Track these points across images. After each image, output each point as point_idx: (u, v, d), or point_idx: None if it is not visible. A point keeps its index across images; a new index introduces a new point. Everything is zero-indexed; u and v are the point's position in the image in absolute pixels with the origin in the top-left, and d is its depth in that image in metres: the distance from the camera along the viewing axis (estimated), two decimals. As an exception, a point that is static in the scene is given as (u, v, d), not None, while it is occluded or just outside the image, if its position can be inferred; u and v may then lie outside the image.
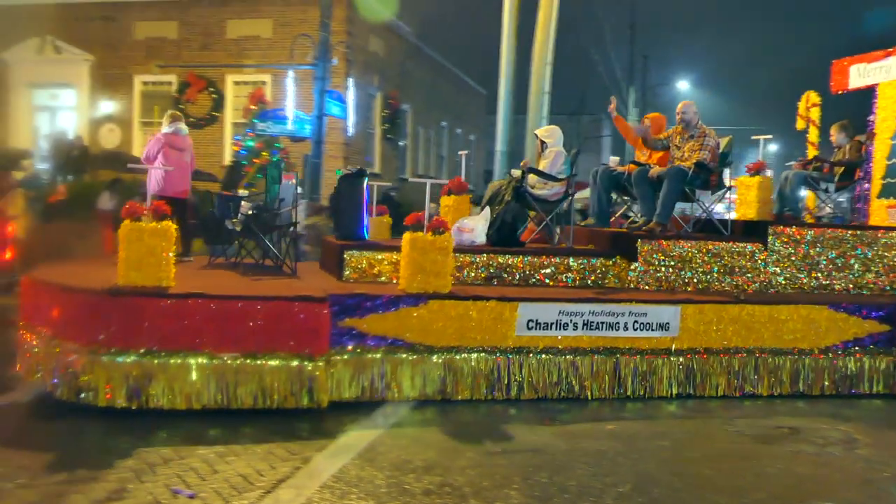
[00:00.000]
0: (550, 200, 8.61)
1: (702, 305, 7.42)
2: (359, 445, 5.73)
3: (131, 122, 24.83)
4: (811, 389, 7.54)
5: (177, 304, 6.46)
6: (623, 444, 6.04)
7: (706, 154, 8.55)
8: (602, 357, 7.16)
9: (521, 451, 5.80)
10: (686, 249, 8.20)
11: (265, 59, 23.93)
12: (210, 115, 24.49)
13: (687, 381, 7.31)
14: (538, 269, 8.05)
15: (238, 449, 5.59)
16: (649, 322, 7.24)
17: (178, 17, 24.51)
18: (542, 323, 7.06)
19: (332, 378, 6.68)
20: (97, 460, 5.28)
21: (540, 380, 7.05)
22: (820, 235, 8.49)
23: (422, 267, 7.04)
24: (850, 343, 7.63)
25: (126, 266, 6.70)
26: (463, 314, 6.94)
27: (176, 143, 9.35)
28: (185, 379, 6.35)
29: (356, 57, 23.59)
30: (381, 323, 6.84)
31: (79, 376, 6.38)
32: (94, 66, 24.89)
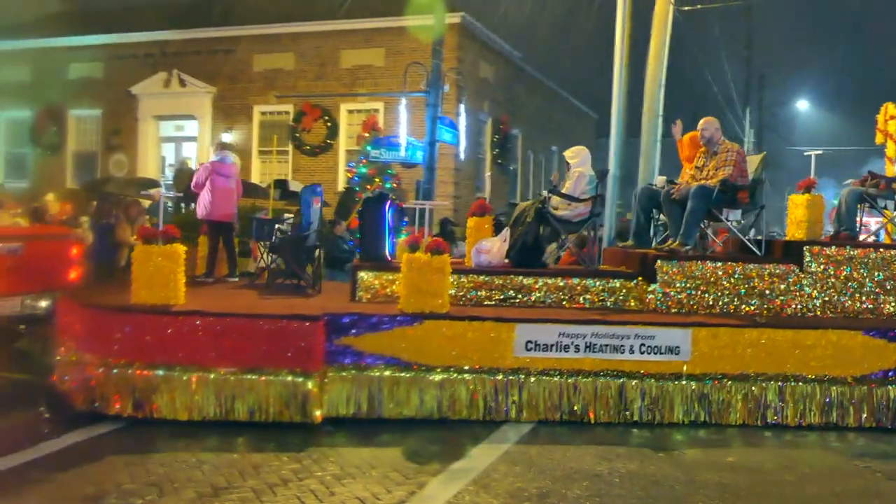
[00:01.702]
0: (573, 221, 8.62)
1: (716, 329, 7.19)
2: (474, 471, 5.81)
3: (251, 150, 26.27)
4: (844, 420, 7.17)
5: (178, 321, 6.92)
6: (745, 477, 5.91)
7: (729, 170, 8.36)
8: (606, 380, 7.07)
9: (639, 481, 5.72)
10: (710, 271, 8.04)
11: (378, 88, 24.81)
12: (325, 142, 25.60)
13: (701, 407, 7.11)
14: (555, 290, 8.14)
15: (354, 472, 5.75)
16: (657, 345, 7.10)
17: (295, 48, 25.80)
18: (542, 344, 7.04)
19: (327, 394, 6.95)
20: (217, 478, 5.53)
21: (540, 402, 7.03)
22: (865, 256, 8.07)
23: (418, 287, 7.20)
24: (890, 372, 7.21)
25: (138, 285, 7.36)
26: (459, 334, 7.03)
27: (222, 171, 10.05)
28: (186, 392, 6.80)
29: (467, 83, 24.10)
30: (378, 342, 7.02)
31: (93, 386, 6.99)
32: (216, 97, 26.59)
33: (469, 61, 25.32)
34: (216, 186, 9.86)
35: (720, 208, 8.56)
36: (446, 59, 20.67)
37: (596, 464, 6.08)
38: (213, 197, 9.82)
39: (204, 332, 6.93)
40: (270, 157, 25.78)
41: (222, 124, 26.41)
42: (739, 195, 8.53)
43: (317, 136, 25.61)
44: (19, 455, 5.95)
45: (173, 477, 5.53)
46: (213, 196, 9.82)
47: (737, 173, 8.41)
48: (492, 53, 27.45)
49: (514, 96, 29.21)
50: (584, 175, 8.67)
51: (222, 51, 26.38)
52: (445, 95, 21.37)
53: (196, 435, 6.56)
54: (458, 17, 24.11)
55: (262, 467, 5.78)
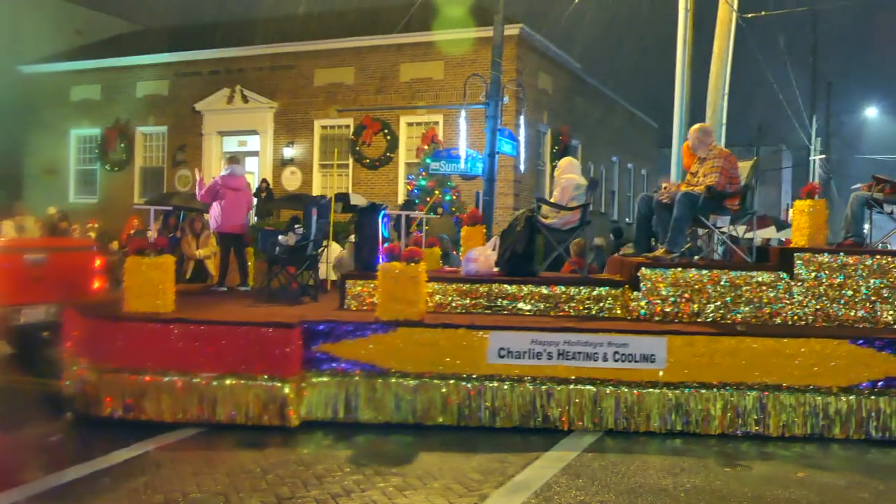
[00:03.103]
0: (562, 230, 8.77)
1: (691, 337, 7.21)
2: (535, 484, 5.85)
3: (311, 164, 27.04)
4: (830, 432, 7.10)
5: (162, 328, 7.37)
6: (816, 493, 5.83)
7: (716, 177, 8.35)
8: (580, 388, 7.17)
9: (705, 497, 5.70)
10: (695, 279, 8.04)
11: (437, 100, 25.23)
12: (384, 155, 26.12)
13: (678, 416, 7.15)
14: (539, 298, 8.26)
15: (416, 483, 5.85)
16: (631, 353, 7.15)
17: (355, 63, 26.39)
18: (515, 351, 7.18)
19: (306, 399, 7.30)
20: (281, 488, 5.70)
21: (514, 408, 7.19)
22: (859, 263, 7.95)
23: (394, 295, 7.47)
24: (880, 382, 7.10)
25: (129, 294, 7.89)
26: (433, 341, 7.26)
27: (231, 184, 10.59)
28: (171, 395, 7.24)
29: (526, 94, 24.30)
30: (354, 348, 7.30)
31: (88, 390, 7.49)
32: (277, 112, 27.42)
33: (528, 73, 25.52)
34: (226, 199, 10.38)
35: (707, 215, 8.62)
36: (505, 70, 20.84)
37: (661, 478, 6.08)
38: (223, 209, 10.35)
39: (187, 338, 7.34)
40: (331, 170, 26.47)
41: (284, 139, 27.20)
42: (729, 202, 8.56)
43: (377, 149, 26.14)
44: (90, 464, 6.21)
45: (239, 486, 5.72)
46: (223, 209, 10.35)
47: (724, 180, 8.43)
48: (551, 64, 27.62)
49: (574, 107, 29.29)
50: (571, 182, 8.84)
51: (284, 66, 27.18)
52: (505, 107, 21.58)
53: (260, 444, 6.80)
54: (517, 28, 24.36)
55: (325, 478, 5.93)
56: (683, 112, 19.98)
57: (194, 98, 27.90)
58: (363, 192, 24.82)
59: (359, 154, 26.26)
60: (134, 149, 28.85)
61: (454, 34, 24.44)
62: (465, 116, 22.61)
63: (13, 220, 21.62)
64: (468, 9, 25.01)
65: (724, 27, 19.20)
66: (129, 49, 29.88)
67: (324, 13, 30.24)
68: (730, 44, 19.34)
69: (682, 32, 19.41)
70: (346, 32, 26.79)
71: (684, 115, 19.98)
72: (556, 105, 27.69)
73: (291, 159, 27.09)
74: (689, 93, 19.93)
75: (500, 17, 18.68)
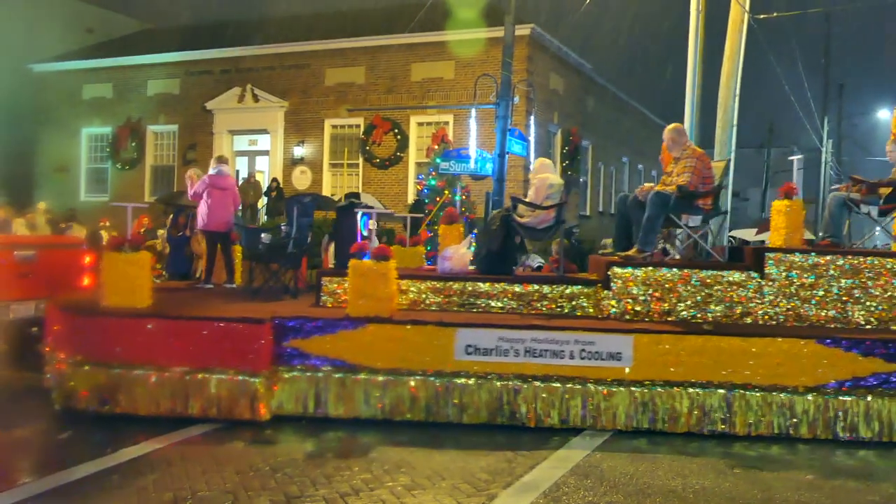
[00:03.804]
0: (538, 229, 8.90)
1: (658, 335, 7.30)
2: (544, 484, 5.88)
3: (321, 164, 27.31)
4: (797, 431, 7.17)
5: (136, 323, 7.59)
6: (825, 496, 5.83)
7: (687, 177, 8.44)
8: (547, 385, 7.28)
9: (714, 498, 5.71)
10: (666, 278, 8.12)
11: (447, 100, 25.42)
12: (395, 155, 26.36)
13: (645, 414, 7.25)
14: (512, 296, 8.37)
15: (425, 483, 5.89)
16: (598, 351, 7.25)
17: (366, 62, 26.63)
18: (482, 348, 7.32)
19: (277, 394, 7.46)
20: (291, 487, 5.75)
21: (481, 405, 7.31)
22: (829, 263, 8.01)
23: (363, 292, 7.65)
24: (847, 382, 7.17)
25: (107, 289, 8.14)
26: (401, 338, 7.40)
27: (218, 183, 10.84)
28: (144, 389, 7.44)
29: (537, 95, 24.45)
30: (324, 344, 7.46)
31: (66, 383, 7.70)
32: (288, 111, 27.72)
33: (539, 73, 25.68)
34: (213, 198, 10.64)
35: (679, 214, 8.73)
36: (516, 70, 20.96)
37: (670, 479, 6.09)
38: (210, 208, 10.61)
39: (160, 333, 7.56)
40: (341, 170, 26.76)
41: (294, 138, 27.51)
42: (701, 201, 8.67)
43: (387, 148, 26.39)
44: (100, 461, 6.28)
45: (248, 485, 5.76)
46: (210, 207, 10.61)
47: (697, 180, 8.53)
48: (562, 65, 27.76)
49: (585, 107, 29.41)
50: (545, 182, 8.99)
51: (294, 66, 27.50)
52: (515, 107, 21.68)
53: (269, 443, 6.94)
54: (528, 28, 24.54)
55: (333, 477, 5.97)
56: (694, 113, 20.02)
57: (205, 97, 28.30)
58: (373, 191, 25.08)
59: (369, 154, 26.50)
60: (145, 147, 29.27)
61: (465, 34, 24.64)
62: (476, 116, 22.65)
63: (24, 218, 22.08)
64: (479, 9, 25.19)
65: (736, 27, 19.25)
66: (140, 48, 30.32)
67: (335, 13, 30.56)
68: (741, 44, 19.38)
69: (694, 33, 19.46)
70: (357, 32, 27.05)
71: (695, 115, 20.02)
72: (566, 105, 27.82)
73: (302, 158, 27.38)
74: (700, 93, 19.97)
75: (511, 17, 18.78)
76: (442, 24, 24.76)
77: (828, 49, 30.66)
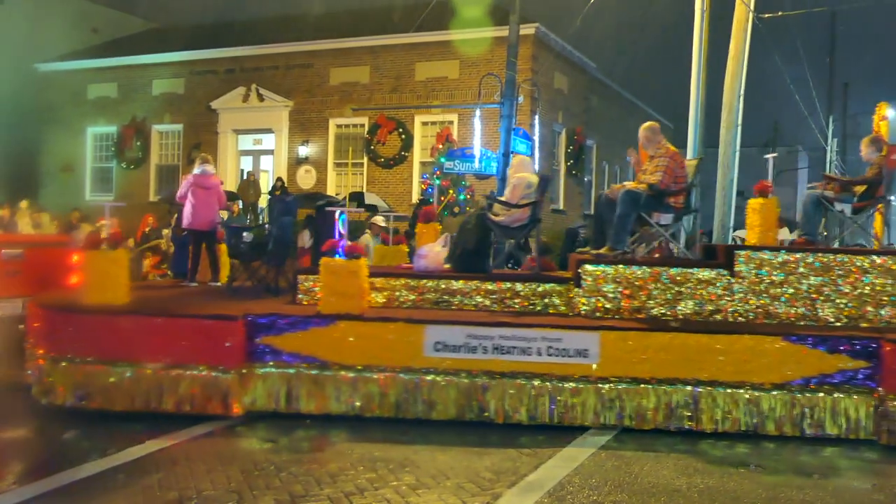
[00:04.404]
0: (513, 227, 9.06)
1: (624, 332, 7.41)
2: (548, 483, 5.93)
3: (326, 163, 27.55)
4: (763, 428, 7.25)
5: (111, 320, 7.80)
6: (830, 495, 5.88)
7: (659, 175, 8.56)
8: (515, 381, 7.41)
9: (719, 497, 5.76)
10: (636, 275, 8.23)
11: (452, 100, 25.61)
12: (399, 154, 26.58)
13: (612, 410, 7.35)
14: (485, 294, 8.53)
15: (429, 482, 5.95)
16: (565, 348, 7.38)
17: (370, 62, 26.83)
18: (450, 345, 7.46)
19: (249, 391, 7.64)
20: (295, 486, 5.82)
21: (450, 402, 7.45)
22: (799, 260, 8.11)
23: (334, 290, 7.82)
24: (813, 379, 7.26)
25: (87, 287, 8.37)
26: (371, 335, 7.56)
27: (203, 183, 11.08)
28: (119, 385, 7.62)
29: (541, 94, 24.61)
30: (296, 341, 7.62)
31: (44, 378, 7.89)
32: (292, 111, 27.97)
33: (543, 72, 25.80)
34: (197, 197, 10.88)
35: (650, 213, 8.87)
36: (520, 70, 21.14)
37: (674, 478, 6.15)
38: (194, 207, 10.85)
39: (134, 330, 7.76)
40: (346, 169, 26.99)
41: (299, 137, 27.75)
42: (673, 199, 8.80)
43: (391, 148, 26.61)
44: (105, 460, 6.38)
45: (253, 484, 5.83)
46: (194, 206, 10.86)
47: (669, 178, 8.65)
48: (566, 64, 27.88)
49: (589, 107, 29.53)
50: (521, 182, 9.15)
51: (299, 65, 27.74)
52: (520, 107, 21.89)
53: (274, 442, 7.02)
54: (533, 28, 24.70)
55: (338, 476, 6.03)
56: (699, 112, 20.12)
57: (210, 96, 28.58)
58: (377, 191, 25.31)
59: (373, 153, 26.71)
60: (150, 147, 29.60)
61: (470, 34, 24.82)
62: (480, 116, 22.90)
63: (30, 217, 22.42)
64: (484, 8, 25.34)
65: (741, 27, 19.34)
66: (145, 47, 30.64)
67: (339, 13, 30.78)
68: (746, 44, 19.48)
69: (698, 32, 19.57)
70: (362, 32, 27.30)
71: (700, 115, 20.13)
72: (571, 105, 27.95)
73: (306, 158, 27.61)
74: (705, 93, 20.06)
75: (515, 17, 18.96)
76: (446, 24, 24.93)
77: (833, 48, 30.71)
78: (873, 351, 7.28)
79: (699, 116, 20.06)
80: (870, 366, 7.29)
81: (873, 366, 7.27)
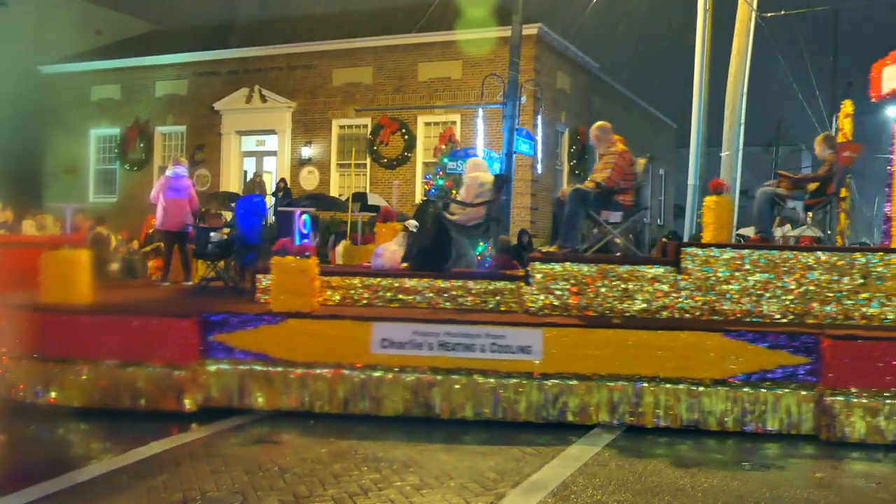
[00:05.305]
0: (468, 226, 9.33)
1: (566, 329, 7.63)
2: (552, 483, 5.96)
3: (329, 164, 27.95)
4: (706, 423, 7.42)
5: (69, 319, 8.14)
6: (835, 494, 5.90)
7: (607, 173, 8.76)
8: (460, 378, 7.64)
9: (722, 496, 5.78)
10: (584, 272, 8.43)
11: (455, 100, 25.93)
12: (402, 155, 26.95)
13: (555, 406, 7.55)
14: (439, 292, 8.82)
15: (433, 482, 5.99)
16: (508, 344, 7.60)
17: (373, 62, 27.22)
18: (397, 342, 7.72)
19: (203, 387, 7.94)
20: (299, 487, 5.86)
21: (397, 398, 7.70)
22: (744, 258, 8.27)
23: (285, 288, 8.14)
24: (754, 375, 7.43)
25: (47, 287, 8.77)
26: (320, 332, 7.83)
27: (173, 185, 11.49)
28: (76, 383, 7.97)
29: (544, 94, 24.85)
30: (247, 338, 7.92)
31: (6, 375, 8.24)
32: (295, 112, 28.39)
33: (546, 72, 26.08)
34: (168, 199, 11.28)
35: (598, 210, 9.11)
36: (523, 70, 21.37)
37: (678, 478, 6.19)
38: (166, 208, 11.25)
39: (91, 328, 8.11)
40: (349, 170, 27.34)
41: (302, 138, 28.17)
42: (622, 197, 9.04)
43: (394, 148, 26.98)
44: (108, 462, 6.45)
45: (257, 485, 5.86)
46: (165, 208, 11.26)
47: (617, 176, 8.88)
48: (569, 64, 28.13)
49: (592, 107, 29.72)
50: (476, 180, 9.45)
51: (302, 66, 28.18)
52: (522, 107, 22.12)
53: (278, 443, 7.15)
54: (535, 28, 24.98)
55: (342, 477, 6.07)
56: (702, 111, 20.36)
57: (213, 98, 29.05)
58: (380, 191, 25.65)
59: (376, 153, 27.08)
60: (153, 148, 30.10)
61: (472, 34, 25.18)
62: (483, 116, 23.16)
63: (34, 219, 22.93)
64: (486, 9, 25.63)
65: (744, 26, 19.57)
66: (148, 49, 31.16)
67: (342, 13, 31.16)
68: (749, 43, 19.71)
69: (701, 31, 19.81)
70: (365, 32, 27.67)
71: (703, 114, 20.36)
72: (573, 105, 28.18)
73: (309, 159, 28.03)
74: (708, 92, 20.30)
75: (518, 17, 19.24)
76: (449, 24, 25.27)
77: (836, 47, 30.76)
78: (813, 346, 7.45)
79: (702, 115, 20.29)
80: (810, 361, 7.45)
81: (813, 361, 7.43)
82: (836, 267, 8.30)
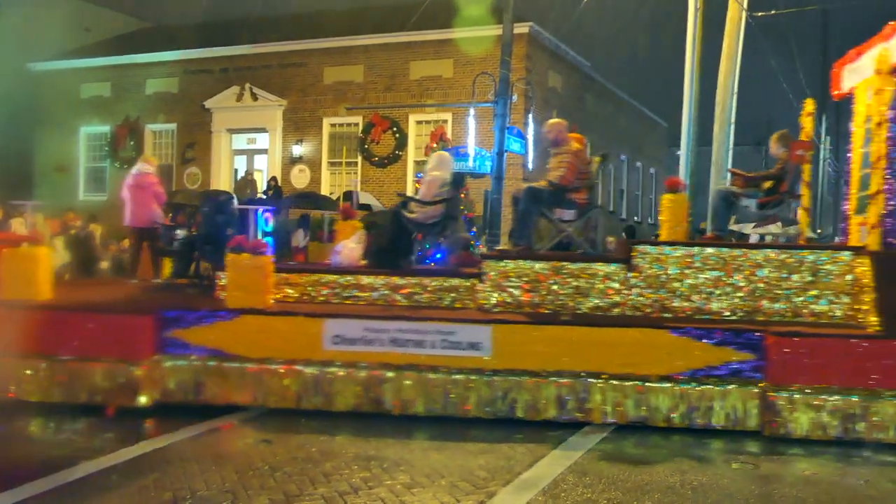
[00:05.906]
0: (426, 224, 9.52)
1: (514, 325, 7.80)
2: (543, 481, 6.02)
3: (320, 162, 28.17)
4: (654, 419, 7.56)
5: (27, 315, 8.29)
6: (824, 492, 5.98)
7: (561, 171, 8.93)
8: (411, 373, 7.81)
9: (712, 494, 5.86)
10: (537, 270, 8.60)
11: (446, 98, 26.10)
12: (393, 153, 27.15)
13: (504, 402, 7.70)
14: (395, 289, 9.06)
15: (424, 481, 6.04)
16: (458, 341, 7.76)
17: (364, 61, 27.42)
18: (348, 338, 7.91)
19: (159, 383, 8.13)
20: (290, 486, 5.90)
21: (348, 394, 7.88)
22: (695, 255, 8.42)
23: (239, 284, 8.34)
24: (700, 371, 7.58)
25: (5, 283, 8.97)
26: (273, 328, 8.03)
27: (138, 182, 11.73)
28: (35, 378, 8.15)
29: (535, 93, 25.01)
30: (203, 334, 8.10)
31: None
32: (286, 110, 28.61)
33: (537, 71, 26.26)
34: (133, 196, 11.52)
35: (552, 209, 9.29)
36: (514, 69, 21.50)
37: (668, 475, 6.25)
38: (132, 206, 11.49)
39: (49, 324, 8.30)
40: (340, 168, 27.58)
41: (293, 136, 28.38)
42: (577, 195, 9.21)
43: (385, 147, 27.18)
44: (98, 461, 6.47)
45: (247, 484, 5.90)
46: (132, 205, 11.49)
47: (571, 175, 9.04)
48: (560, 63, 28.32)
49: (583, 105, 29.94)
50: (436, 179, 9.62)
51: (293, 64, 28.38)
52: (514, 105, 22.30)
53: (269, 442, 7.16)
54: (527, 26, 25.15)
55: (332, 475, 6.11)
56: (693, 110, 20.48)
57: (204, 96, 29.27)
58: (372, 189, 25.85)
59: (368, 152, 27.27)
60: (143, 146, 30.22)
61: (464, 32, 25.36)
62: (474, 115, 23.26)
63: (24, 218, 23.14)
64: (478, 7, 25.78)
65: (734, 25, 19.74)
66: (138, 47, 31.36)
67: (333, 11, 31.35)
68: (739, 42, 19.89)
69: (692, 31, 19.92)
70: (356, 30, 27.86)
71: (693, 113, 20.49)
72: (565, 103, 28.34)
73: (300, 157, 28.24)
74: (699, 91, 20.41)
75: (509, 16, 19.38)
76: (440, 23, 25.44)
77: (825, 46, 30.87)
78: (758, 343, 7.61)
79: (693, 114, 20.42)
80: (755, 358, 7.61)
81: (758, 358, 7.59)
82: (786, 265, 8.45)
